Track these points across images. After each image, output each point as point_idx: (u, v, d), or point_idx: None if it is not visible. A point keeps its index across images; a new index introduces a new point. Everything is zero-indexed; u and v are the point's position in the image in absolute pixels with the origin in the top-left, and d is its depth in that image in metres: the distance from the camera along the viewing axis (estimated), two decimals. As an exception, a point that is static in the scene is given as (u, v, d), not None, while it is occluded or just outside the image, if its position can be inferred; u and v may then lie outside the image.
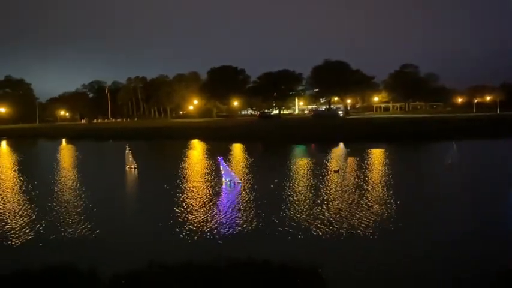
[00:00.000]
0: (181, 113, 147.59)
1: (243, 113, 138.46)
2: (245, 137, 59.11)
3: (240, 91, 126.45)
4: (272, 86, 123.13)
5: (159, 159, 43.74)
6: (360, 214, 16.73)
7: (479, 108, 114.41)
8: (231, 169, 25.02)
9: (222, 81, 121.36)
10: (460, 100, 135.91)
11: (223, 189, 22.83)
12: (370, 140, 48.58)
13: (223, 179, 24.45)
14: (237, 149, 48.57)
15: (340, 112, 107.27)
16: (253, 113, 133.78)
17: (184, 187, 23.72)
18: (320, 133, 58.22)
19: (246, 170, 30.08)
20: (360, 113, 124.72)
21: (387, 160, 34.93)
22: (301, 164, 33.16)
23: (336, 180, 25.13)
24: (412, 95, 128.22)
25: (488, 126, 61.77)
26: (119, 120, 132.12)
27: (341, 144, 48.78)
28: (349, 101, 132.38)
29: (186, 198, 20.77)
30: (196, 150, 49.72)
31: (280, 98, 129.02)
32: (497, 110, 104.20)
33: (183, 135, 65.74)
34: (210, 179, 26.18)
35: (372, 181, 24.49)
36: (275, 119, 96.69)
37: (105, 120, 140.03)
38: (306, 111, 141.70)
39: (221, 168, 24.86)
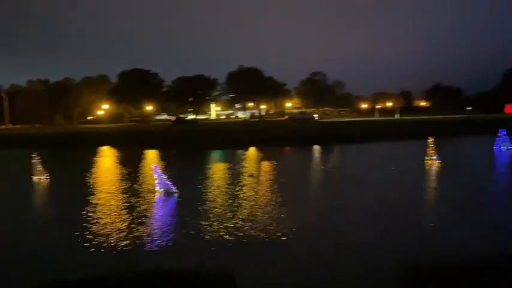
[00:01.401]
0: (89, 118, 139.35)
1: (157, 117, 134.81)
2: (160, 142, 57.62)
3: (154, 95, 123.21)
4: (187, 91, 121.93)
5: (69, 168, 40.73)
6: (273, 218, 17.05)
7: (382, 113, 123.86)
8: (165, 177, 23.25)
9: (133, 85, 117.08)
10: (364, 106, 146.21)
11: (157, 200, 21.77)
12: (285, 143, 50.28)
13: (157, 188, 23.13)
14: (152, 155, 47.14)
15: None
16: (168, 117, 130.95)
17: (103, 197, 22.41)
18: (237, 137, 58.80)
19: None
20: (274, 118, 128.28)
21: (304, 161, 36.23)
22: (218, 169, 33.20)
23: (251, 184, 25.51)
24: (322, 101, 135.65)
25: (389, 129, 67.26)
26: (18, 126, 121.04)
27: (252, 148, 49.73)
28: (263, 106, 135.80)
29: (107, 209, 19.60)
30: (109, 157, 47.38)
31: (196, 102, 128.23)
32: (396, 115, 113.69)
33: (92, 142, 62.03)
34: (135, 188, 25.10)
35: (285, 184, 25.20)
36: (191, 124, 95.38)
37: (3, 127, 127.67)
38: (222, 116, 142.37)
39: (155, 177, 23.37)
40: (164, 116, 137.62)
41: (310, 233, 14.98)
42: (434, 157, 31.62)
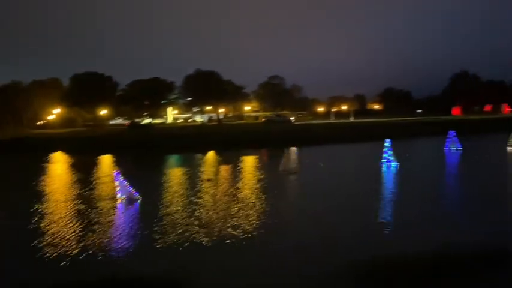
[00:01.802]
0: (39, 123, 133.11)
1: (112, 122, 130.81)
2: (115, 148, 55.77)
3: (108, 99, 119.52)
4: (143, 94, 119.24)
5: (15, 175, 38.37)
6: (229, 222, 16.91)
7: (337, 117, 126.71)
8: (128, 184, 22.15)
9: (86, 89, 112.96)
10: (321, 109, 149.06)
11: (118, 207, 20.86)
12: (245, 146, 50.02)
13: (118, 196, 22.08)
14: (106, 161, 45.54)
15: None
16: (123, 122, 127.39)
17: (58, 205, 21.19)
18: (194, 142, 58.04)
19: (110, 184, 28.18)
20: (232, 121, 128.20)
21: (256, 165, 36.11)
22: (176, 174, 32.57)
23: (208, 189, 25.24)
24: (280, 104, 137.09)
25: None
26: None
27: (212, 152, 49.30)
28: (222, 110, 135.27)
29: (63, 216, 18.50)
30: (60, 163, 45.33)
31: (152, 106, 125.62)
32: (351, 118, 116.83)
33: (43, 148, 59.05)
34: (92, 195, 24.04)
35: (241, 188, 25.10)
36: (147, 128, 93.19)
37: None
38: (179, 120, 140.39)
39: (116, 184, 22.28)
40: (119, 121, 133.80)
41: (263, 237, 14.92)
42: (392, 159, 32.52)
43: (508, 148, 41.43)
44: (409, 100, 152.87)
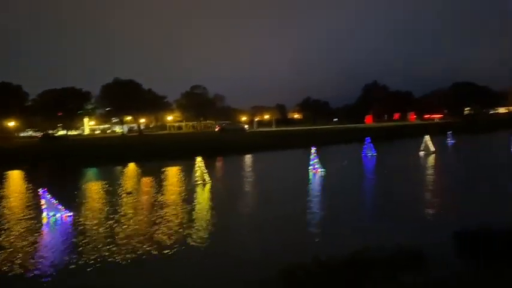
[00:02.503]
0: None
1: (22, 134, 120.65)
2: (25, 162, 51.22)
3: (17, 110, 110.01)
4: (56, 105, 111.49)
5: None
6: (152, 237, 16.45)
7: (260, 125, 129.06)
8: (56, 202, 20.41)
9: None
10: (244, 118, 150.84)
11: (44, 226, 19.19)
12: (170, 157, 48.71)
13: (44, 214, 20.24)
14: (15, 176, 41.69)
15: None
16: (34, 134, 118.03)
17: None
18: (114, 153, 55.36)
19: (28, 202, 25.87)
20: (154, 132, 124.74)
21: (177, 177, 35.26)
22: (93, 188, 30.82)
23: (129, 202, 24.34)
24: (203, 114, 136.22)
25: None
26: None
27: (133, 164, 47.52)
28: (143, 120, 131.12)
29: None
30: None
31: (66, 117, 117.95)
32: (273, 126, 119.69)
33: None
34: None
35: (162, 200, 24.44)
36: (61, 140, 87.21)
37: None
38: (97, 132, 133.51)
39: (43, 202, 20.38)
40: (30, 133, 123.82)
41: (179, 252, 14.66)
42: (317, 166, 33.37)
43: (421, 153, 44.97)
44: (326, 109, 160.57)
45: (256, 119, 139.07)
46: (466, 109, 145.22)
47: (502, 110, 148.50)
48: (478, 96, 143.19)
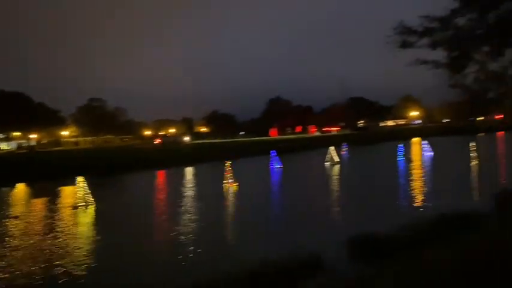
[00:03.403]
0: None
1: None
2: None
3: None
4: None
5: None
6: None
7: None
8: None
9: None
10: (148, 132, 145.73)
11: None
12: (66, 175, 44.40)
13: None
14: None
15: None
16: None
17: None
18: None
19: None
20: (47, 148, 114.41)
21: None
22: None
23: (17, 227, 21.88)
24: (102, 128, 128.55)
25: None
26: None
27: (22, 184, 42.65)
28: (34, 135, 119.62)
29: None
30: None
31: None
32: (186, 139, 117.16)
33: None
34: None
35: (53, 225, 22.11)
36: None
37: None
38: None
39: None
40: None
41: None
42: (231, 180, 32.95)
43: (326, 163, 46.74)
44: (233, 122, 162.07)
45: (162, 133, 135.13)
46: (360, 122, 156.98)
47: (390, 122, 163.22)
48: (369, 110, 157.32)
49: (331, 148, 48.41)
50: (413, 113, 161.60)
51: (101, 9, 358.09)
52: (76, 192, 27.91)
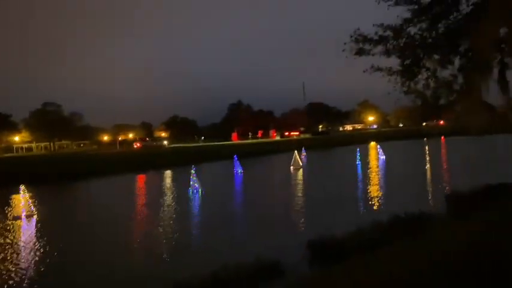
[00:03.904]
0: None
1: None
2: None
3: None
4: None
5: None
6: None
7: (124, 145, 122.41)
8: None
9: None
10: (106, 138, 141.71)
11: None
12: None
13: None
14: None
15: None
16: None
17: None
18: None
19: None
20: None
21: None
22: None
23: None
24: (57, 133, 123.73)
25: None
26: None
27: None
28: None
29: None
30: None
31: None
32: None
33: None
34: None
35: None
36: None
37: None
38: None
39: None
40: None
41: None
42: (197, 185, 32.81)
43: (291, 167, 47.20)
44: (193, 128, 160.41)
45: (120, 138, 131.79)
46: (320, 127, 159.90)
47: (348, 127, 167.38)
48: (329, 115, 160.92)
49: (296, 153, 49.06)
50: (371, 118, 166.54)
51: (57, 11, 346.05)
52: (20, 201, 26.60)
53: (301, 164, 47.98)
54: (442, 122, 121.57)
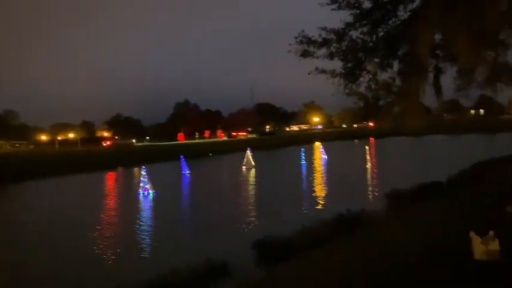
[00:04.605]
0: None
1: None
2: None
3: None
4: None
5: None
6: None
7: (64, 145, 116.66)
8: None
9: None
10: (44, 137, 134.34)
11: None
12: None
13: None
14: None
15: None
16: None
17: None
18: None
19: None
20: None
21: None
22: None
23: None
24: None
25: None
26: None
27: None
28: None
29: None
30: None
31: None
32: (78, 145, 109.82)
33: None
34: None
35: None
36: None
37: None
38: None
39: None
40: None
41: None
42: (148, 187, 31.95)
43: (243, 167, 47.27)
44: (137, 127, 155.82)
45: (59, 138, 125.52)
46: (267, 127, 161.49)
47: (295, 127, 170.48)
48: (276, 116, 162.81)
49: (248, 153, 49.19)
50: (316, 119, 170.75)
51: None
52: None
53: (253, 163, 48.18)
54: (372, 124, 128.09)
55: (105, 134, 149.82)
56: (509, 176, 14.22)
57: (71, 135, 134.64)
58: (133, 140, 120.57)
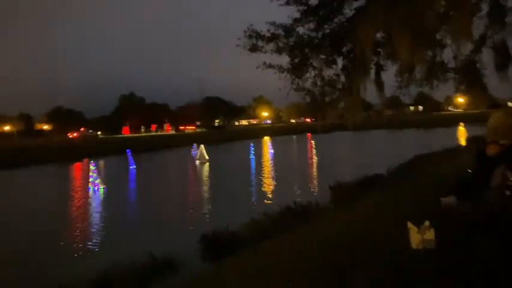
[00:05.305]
0: None
1: None
2: None
3: None
4: None
5: None
6: None
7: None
8: None
9: None
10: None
11: None
12: None
13: None
14: None
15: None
16: None
17: None
18: None
19: None
20: None
21: None
22: None
23: None
24: None
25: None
26: None
27: None
28: None
29: None
30: None
31: None
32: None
33: None
34: None
35: None
36: None
37: None
38: None
39: None
40: None
41: None
42: (98, 182, 30.70)
43: (197, 162, 46.67)
44: (79, 120, 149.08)
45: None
46: (216, 121, 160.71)
47: (244, 122, 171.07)
48: (225, 110, 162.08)
49: (202, 146, 48.67)
50: (265, 114, 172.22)
51: None
52: None
53: (207, 157, 47.77)
54: (308, 120, 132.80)
55: (45, 127, 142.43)
56: (444, 168, 15.16)
57: (7, 128, 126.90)
58: (99, 133, 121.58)
